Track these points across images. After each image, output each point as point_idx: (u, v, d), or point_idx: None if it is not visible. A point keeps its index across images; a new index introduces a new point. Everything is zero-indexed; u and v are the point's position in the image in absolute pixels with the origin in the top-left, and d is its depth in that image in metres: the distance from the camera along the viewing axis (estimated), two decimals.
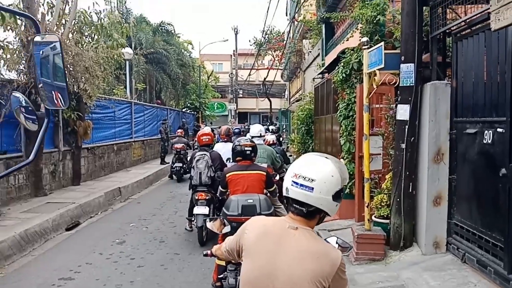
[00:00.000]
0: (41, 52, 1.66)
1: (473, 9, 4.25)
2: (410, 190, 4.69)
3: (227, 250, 1.87)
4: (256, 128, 6.64)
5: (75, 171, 9.69)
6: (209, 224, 2.71)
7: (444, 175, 4.49)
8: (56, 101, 1.67)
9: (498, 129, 3.60)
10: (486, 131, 3.80)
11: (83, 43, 9.35)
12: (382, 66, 4.55)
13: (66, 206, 7.17)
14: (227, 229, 2.85)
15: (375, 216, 5.09)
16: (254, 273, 1.60)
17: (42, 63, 1.68)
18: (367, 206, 4.83)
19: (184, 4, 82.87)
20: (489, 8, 3.56)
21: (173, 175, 12.14)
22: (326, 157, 1.64)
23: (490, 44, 3.84)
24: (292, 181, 1.57)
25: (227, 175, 4.40)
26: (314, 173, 1.55)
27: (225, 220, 2.89)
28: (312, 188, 1.53)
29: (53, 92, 1.66)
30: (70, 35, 8.82)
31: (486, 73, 3.98)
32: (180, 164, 11.56)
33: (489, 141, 3.74)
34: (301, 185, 1.55)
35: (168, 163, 14.09)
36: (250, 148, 4.45)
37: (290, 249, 1.56)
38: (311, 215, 1.60)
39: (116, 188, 9.29)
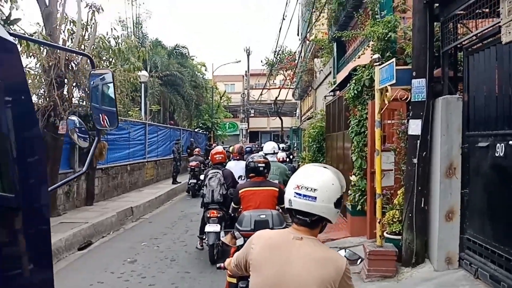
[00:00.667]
0: (92, 82, 1.98)
1: (483, 23, 4.29)
2: (422, 205, 4.65)
3: (235, 265, 1.91)
4: (269, 146, 6.75)
5: (88, 191, 9.85)
6: (223, 238, 2.76)
7: (457, 190, 4.44)
8: (102, 123, 1.95)
9: (510, 142, 3.58)
10: (498, 144, 3.78)
11: (101, 67, 9.68)
12: (394, 81, 4.60)
13: (79, 226, 7.27)
14: (240, 241, 2.89)
15: (387, 232, 5.03)
16: (263, 286, 1.63)
17: (92, 91, 1.99)
18: (379, 222, 4.79)
19: (198, 27, 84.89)
20: (499, 22, 3.61)
21: (189, 191, 12.92)
22: (325, 167, 1.72)
23: (502, 58, 3.86)
24: (295, 192, 1.63)
25: (240, 191, 4.46)
26: (315, 183, 1.62)
27: (236, 233, 2.92)
28: (315, 198, 1.60)
29: (100, 115, 1.95)
30: None
31: (498, 86, 3.99)
32: (195, 181, 12.44)
33: (502, 154, 3.72)
34: (304, 195, 1.61)
35: (180, 182, 14.30)
36: (263, 165, 4.53)
37: (297, 258, 1.60)
38: (315, 224, 1.66)
39: (128, 207, 9.39)
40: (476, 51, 4.36)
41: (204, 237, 6.04)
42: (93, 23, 8.90)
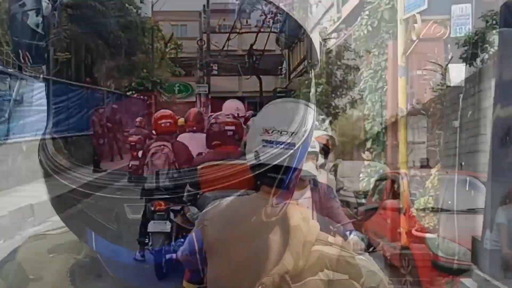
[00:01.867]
0: (10, 9, 2.01)
1: None
2: (467, 189, 4.84)
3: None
4: (231, 104, 6.62)
5: None
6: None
7: None
8: (23, 60, 2.06)
9: None
10: None
11: None
12: (425, 7, 4.72)
13: None
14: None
15: (416, 229, 5.21)
16: (229, 273, 1.71)
17: (13, 19, 2.04)
18: (404, 214, 4.96)
19: None
20: None
21: (131, 177, 12.65)
22: (298, 101, 1.78)
23: None
24: (263, 140, 1.65)
25: (199, 168, 4.46)
26: (291, 123, 1.64)
27: (190, 211, 3.00)
28: (294, 144, 1.63)
29: (20, 51, 2.06)
30: None
31: None
32: (137, 162, 12.07)
33: None
34: (277, 142, 1.63)
35: (106, 170, 14.20)
36: (232, 127, 4.52)
37: (271, 230, 1.67)
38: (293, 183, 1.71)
39: (26, 205, 9.32)
40: None
41: (147, 241, 6.07)
42: None
